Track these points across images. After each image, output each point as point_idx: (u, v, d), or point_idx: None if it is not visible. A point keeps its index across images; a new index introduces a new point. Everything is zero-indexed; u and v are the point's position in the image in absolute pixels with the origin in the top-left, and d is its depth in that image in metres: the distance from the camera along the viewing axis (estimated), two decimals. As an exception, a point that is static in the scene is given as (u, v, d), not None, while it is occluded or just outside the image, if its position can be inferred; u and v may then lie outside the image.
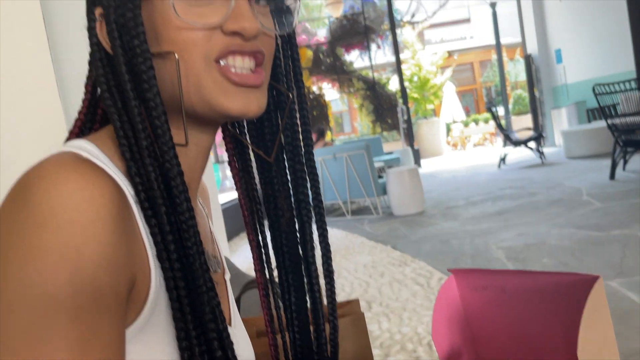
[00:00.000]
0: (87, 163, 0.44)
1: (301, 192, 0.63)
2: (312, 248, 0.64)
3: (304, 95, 0.62)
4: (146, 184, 0.49)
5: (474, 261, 3.66)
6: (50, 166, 0.42)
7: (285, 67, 0.62)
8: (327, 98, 12.52)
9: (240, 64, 0.51)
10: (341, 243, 5.02)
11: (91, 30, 0.52)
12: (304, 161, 0.62)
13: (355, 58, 12.29)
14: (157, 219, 0.48)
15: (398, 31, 12.44)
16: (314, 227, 0.64)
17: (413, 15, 13.68)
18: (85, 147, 0.49)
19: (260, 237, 0.67)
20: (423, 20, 13.89)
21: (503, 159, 8.96)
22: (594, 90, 5.90)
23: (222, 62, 0.51)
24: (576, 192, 5.45)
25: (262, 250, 0.67)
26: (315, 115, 11.22)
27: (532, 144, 9.01)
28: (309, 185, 0.63)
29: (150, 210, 0.48)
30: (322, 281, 0.65)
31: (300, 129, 0.62)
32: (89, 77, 0.57)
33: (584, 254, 3.40)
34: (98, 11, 0.52)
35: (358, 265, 4.08)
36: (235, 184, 0.68)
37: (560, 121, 9.92)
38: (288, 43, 0.62)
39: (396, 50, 11.10)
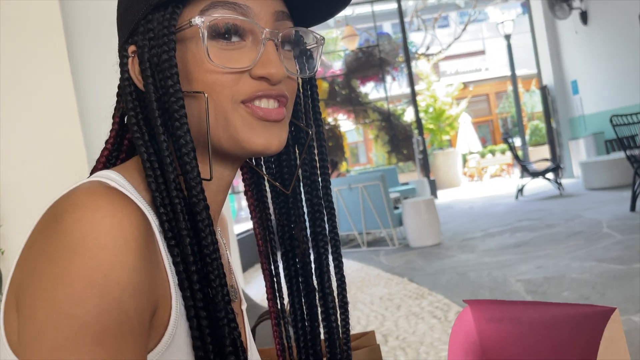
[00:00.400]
0: (115, 192, 0.46)
1: (318, 224, 0.64)
2: (329, 279, 0.65)
3: (322, 133, 0.65)
4: (171, 215, 0.51)
5: (493, 294, 3.59)
6: (82, 194, 0.44)
7: (304, 105, 0.65)
8: (343, 129, 12.60)
9: (266, 105, 0.54)
10: (357, 275, 4.98)
11: (123, 66, 0.55)
12: (321, 195, 0.64)
13: (370, 90, 12.42)
14: (180, 249, 0.50)
15: (413, 63, 12.58)
16: (330, 258, 0.65)
17: (428, 48, 13.84)
18: (112, 177, 0.51)
19: (272, 267, 0.69)
20: (438, 52, 14.03)
21: (520, 190, 8.88)
22: (611, 121, 5.87)
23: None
24: (596, 224, 5.36)
25: (275, 279, 0.68)
26: (331, 146, 11.28)
27: (550, 175, 8.92)
28: (325, 218, 0.65)
29: (174, 240, 0.50)
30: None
31: (318, 165, 0.65)
32: (116, 109, 0.59)
33: (605, 287, 3.32)
34: (131, 49, 0.55)
35: (374, 298, 4.03)
36: (251, 213, 0.70)
37: (578, 152, 9.83)
38: (308, 83, 0.64)
39: (411, 82, 11.19)
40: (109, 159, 0.59)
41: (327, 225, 0.65)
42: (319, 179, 0.64)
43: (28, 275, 0.42)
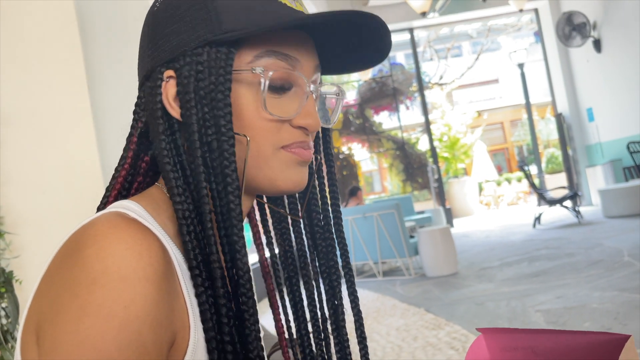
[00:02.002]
0: (135, 223, 0.47)
1: (331, 258, 0.65)
2: (343, 312, 0.64)
3: (334, 173, 0.66)
4: (198, 248, 0.51)
5: (511, 324, 3.52)
6: (103, 226, 0.45)
7: (316, 146, 0.67)
8: (357, 158, 12.64)
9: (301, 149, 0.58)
10: (372, 305, 4.92)
11: (156, 88, 0.55)
12: (333, 230, 0.65)
13: (384, 119, 12.48)
14: (209, 283, 0.50)
15: (426, 92, 12.65)
16: (344, 289, 0.65)
17: (441, 77, 13.93)
18: (132, 208, 0.52)
19: (278, 297, 0.69)
20: (451, 81, 14.11)
21: (538, 219, 8.76)
22: (628, 148, 5.81)
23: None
24: (617, 253, 5.25)
25: (284, 311, 0.68)
26: (345, 175, 11.30)
27: (567, 203, 8.80)
28: (338, 252, 0.65)
29: (198, 270, 0.50)
30: (355, 347, 0.65)
31: (328, 195, 0.66)
32: (134, 128, 0.58)
33: (627, 318, 3.23)
34: (168, 73, 0.55)
35: (390, 329, 3.97)
36: (257, 246, 0.70)
37: (596, 179, 9.71)
38: (326, 130, 0.67)
39: (425, 111, 11.24)
40: (126, 179, 0.59)
41: (339, 258, 0.65)
42: (331, 215, 0.65)
43: (49, 306, 0.43)
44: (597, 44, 9.32)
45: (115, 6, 2.27)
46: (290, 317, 0.68)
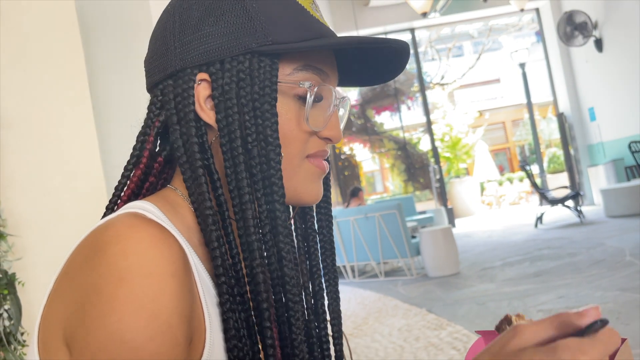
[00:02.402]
0: (154, 224, 0.47)
1: (324, 259, 0.66)
2: (324, 312, 0.65)
3: (329, 186, 0.67)
4: (227, 253, 0.52)
5: (513, 325, 3.52)
6: (123, 227, 0.45)
7: None
8: (359, 158, 12.65)
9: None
10: (374, 305, 4.92)
11: (189, 90, 0.54)
12: (315, 226, 0.66)
13: (385, 119, 12.49)
14: (232, 288, 0.51)
15: (428, 92, 12.65)
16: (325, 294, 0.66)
17: (442, 77, 13.93)
18: (148, 208, 0.52)
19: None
20: (453, 81, 14.11)
21: (540, 218, 8.75)
22: (630, 147, 5.81)
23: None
24: (619, 253, 5.25)
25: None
26: (347, 175, 11.31)
27: (569, 203, 8.79)
28: (320, 251, 0.66)
29: (226, 285, 0.50)
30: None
31: (322, 206, 0.66)
32: (150, 127, 0.57)
33: (629, 317, 3.23)
34: (202, 76, 0.55)
35: (392, 329, 3.97)
36: None
37: (598, 179, 9.70)
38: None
39: (426, 112, 11.24)
40: (140, 179, 0.58)
41: (320, 259, 0.65)
42: (317, 209, 0.66)
43: (76, 309, 0.43)
44: (599, 44, 9.31)
45: (116, 7, 2.28)
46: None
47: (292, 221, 0.66)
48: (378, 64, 0.62)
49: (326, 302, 0.65)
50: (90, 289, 0.42)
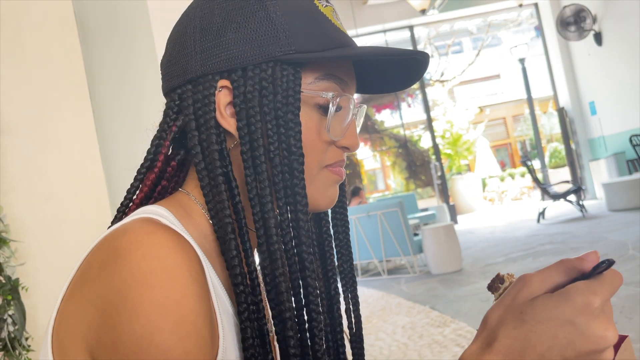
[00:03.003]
0: (169, 229, 0.47)
1: (329, 262, 0.65)
2: (340, 316, 0.65)
3: (344, 191, 0.67)
4: (237, 260, 0.51)
5: (517, 321, 3.52)
6: (141, 233, 0.45)
7: None
8: (360, 157, 12.64)
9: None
10: (377, 304, 4.92)
11: (210, 96, 0.54)
12: (330, 228, 0.66)
13: (386, 117, 12.48)
14: (248, 299, 0.50)
15: (428, 89, 12.64)
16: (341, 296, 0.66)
17: (442, 74, 13.91)
18: (161, 213, 0.52)
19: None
20: (452, 78, 14.09)
21: (542, 213, 8.74)
22: (631, 141, 5.80)
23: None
24: (621, 247, 5.24)
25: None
26: (348, 174, 11.31)
27: (571, 197, 8.78)
28: (335, 252, 0.66)
29: (244, 294, 0.50)
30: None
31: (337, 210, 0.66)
32: (166, 132, 0.57)
33: (633, 312, 3.23)
34: (223, 83, 0.54)
35: (396, 327, 3.98)
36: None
37: (600, 173, 9.68)
38: None
39: (427, 109, 11.23)
40: (154, 182, 0.58)
41: (337, 264, 0.65)
42: (333, 214, 0.66)
43: (99, 315, 0.43)
44: (598, 37, 9.29)
45: (113, 9, 2.28)
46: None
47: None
48: (395, 72, 0.62)
49: (343, 307, 0.65)
50: (114, 295, 0.42)
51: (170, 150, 0.59)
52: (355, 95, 0.62)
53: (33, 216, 1.86)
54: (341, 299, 0.65)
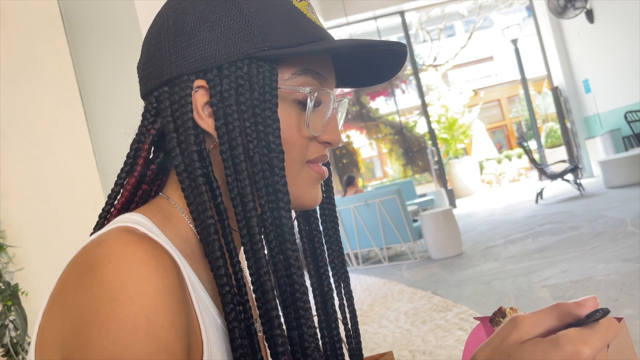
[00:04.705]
0: (146, 239, 0.46)
1: (320, 257, 0.65)
2: (335, 312, 0.65)
3: (332, 187, 0.67)
4: (224, 263, 0.51)
5: (518, 302, 3.54)
6: (115, 244, 0.44)
7: None
8: (356, 145, 12.63)
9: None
10: (380, 291, 4.95)
11: (186, 97, 0.53)
12: (320, 224, 0.66)
13: (380, 104, 12.45)
14: (242, 304, 0.50)
15: (421, 75, 12.60)
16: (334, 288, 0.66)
17: (435, 59, 13.87)
18: (139, 221, 0.51)
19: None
20: (446, 62, 14.05)
21: (540, 194, 8.76)
22: (626, 117, 5.80)
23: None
24: (620, 223, 5.26)
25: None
26: (345, 163, 11.30)
27: (569, 176, 8.80)
28: (326, 247, 0.66)
29: (230, 295, 0.50)
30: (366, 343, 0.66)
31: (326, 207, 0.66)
32: (145, 135, 0.56)
33: (633, 288, 3.25)
34: (199, 83, 0.53)
35: (399, 314, 4.00)
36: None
37: (596, 151, 9.70)
38: None
39: (421, 94, 11.20)
40: (134, 187, 0.57)
41: (328, 260, 0.65)
42: (321, 211, 0.65)
43: (72, 330, 0.42)
44: (590, 15, 9.25)
45: (100, 9, 2.26)
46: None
47: (295, 224, 0.66)
48: (374, 65, 0.61)
49: (337, 302, 0.65)
50: (85, 310, 0.42)
51: (151, 154, 0.58)
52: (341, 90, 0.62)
53: (29, 221, 1.85)
54: (335, 294, 0.65)
